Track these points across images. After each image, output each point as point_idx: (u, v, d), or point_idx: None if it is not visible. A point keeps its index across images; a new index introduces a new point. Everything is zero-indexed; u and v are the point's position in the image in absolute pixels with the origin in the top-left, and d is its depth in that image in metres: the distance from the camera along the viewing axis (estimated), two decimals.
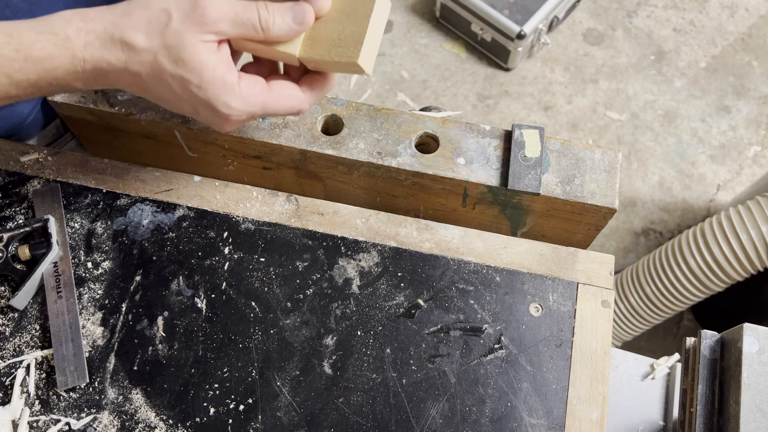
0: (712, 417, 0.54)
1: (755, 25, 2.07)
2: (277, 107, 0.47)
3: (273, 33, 0.45)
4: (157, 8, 0.43)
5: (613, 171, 0.59)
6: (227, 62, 0.45)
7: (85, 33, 0.43)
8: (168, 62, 0.43)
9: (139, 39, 0.43)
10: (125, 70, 0.44)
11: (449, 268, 0.57)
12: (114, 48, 0.43)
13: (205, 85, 0.44)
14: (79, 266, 0.58)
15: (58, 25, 0.43)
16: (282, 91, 0.47)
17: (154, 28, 0.43)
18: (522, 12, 1.86)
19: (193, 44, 0.43)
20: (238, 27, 0.44)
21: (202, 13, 0.42)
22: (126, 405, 0.53)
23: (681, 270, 1.30)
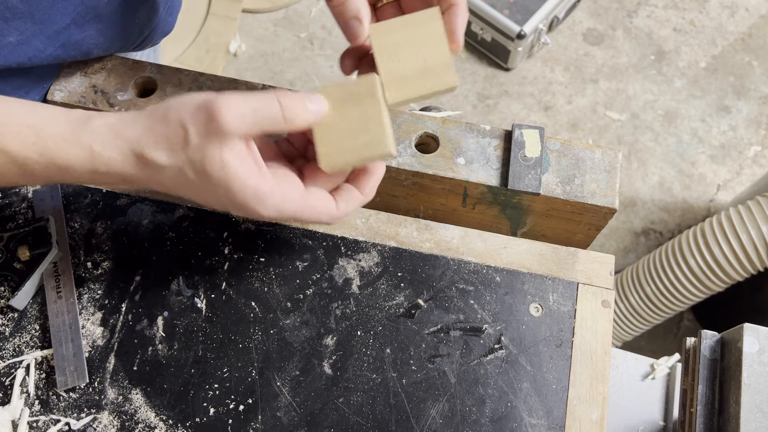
0: (712, 417, 0.54)
1: (755, 25, 2.07)
2: (308, 218, 0.46)
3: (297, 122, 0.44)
4: (174, 123, 0.42)
5: (613, 171, 0.59)
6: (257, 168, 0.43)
7: (111, 148, 0.42)
8: (193, 175, 0.42)
9: (161, 157, 0.42)
10: (151, 180, 0.44)
11: (449, 268, 0.57)
12: (137, 164, 0.42)
13: (233, 195, 0.43)
14: (79, 266, 0.58)
15: (85, 137, 0.42)
16: (317, 205, 0.46)
17: (175, 145, 0.42)
18: (522, 12, 1.86)
19: (217, 157, 0.41)
20: (259, 124, 0.42)
21: (219, 120, 0.40)
22: (126, 405, 0.53)
23: (681, 270, 1.30)
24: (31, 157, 0.42)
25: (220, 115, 0.41)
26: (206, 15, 2.00)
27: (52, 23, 0.54)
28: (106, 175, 0.43)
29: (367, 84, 0.47)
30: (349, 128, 0.46)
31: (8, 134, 0.42)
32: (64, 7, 0.54)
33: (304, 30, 2.05)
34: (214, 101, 0.41)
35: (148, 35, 0.67)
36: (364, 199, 0.49)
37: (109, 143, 0.42)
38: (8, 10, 0.50)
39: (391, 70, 0.48)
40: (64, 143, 0.42)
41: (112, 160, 0.42)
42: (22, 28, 0.52)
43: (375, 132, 0.46)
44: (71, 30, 0.56)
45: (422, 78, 0.48)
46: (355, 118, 0.46)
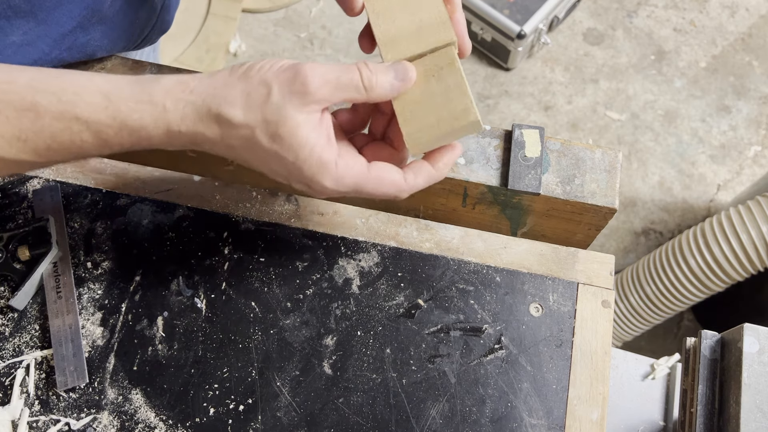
0: (712, 417, 0.54)
1: (755, 25, 2.07)
2: (373, 191, 0.46)
3: (376, 92, 0.44)
4: (257, 80, 0.42)
5: (614, 171, 0.59)
6: (327, 138, 0.43)
7: (183, 104, 0.42)
8: (265, 138, 0.42)
9: (236, 114, 0.41)
10: (221, 142, 0.43)
11: (449, 268, 0.57)
12: (210, 122, 0.42)
13: (300, 163, 0.43)
14: (79, 266, 0.58)
15: (157, 94, 0.42)
16: (382, 175, 0.45)
17: (253, 101, 0.41)
18: (522, 12, 1.86)
19: (294, 119, 0.41)
20: (340, 91, 0.43)
21: (304, 81, 0.41)
22: (126, 405, 0.53)
23: (681, 270, 1.30)
24: (104, 121, 0.42)
25: (307, 76, 0.41)
26: (206, 15, 2.00)
27: (58, 26, 0.54)
28: (178, 135, 0.43)
29: (444, 56, 0.46)
30: (431, 102, 0.46)
31: (81, 102, 0.41)
32: (70, 10, 0.54)
33: (304, 30, 2.05)
34: (301, 65, 0.41)
35: (148, 34, 0.67)
36: (435, 174, 0.47)
37: (183, 99, 0.42)
38: (11, 9, 0.50)
39: (387, 31, 0.48)
40: (135, 104, 0.42)
41: (186, 118, 0.42)
42: (25, 27, 0.52)
43: (459, 102, 0.46)
44: (77, 33, 0.56)
45: (419, 36, 0.47)
46: (436, 92, 0.46)
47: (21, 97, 0.41)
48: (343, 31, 2.03)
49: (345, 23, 2.05)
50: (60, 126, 0.42)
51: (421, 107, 0.46)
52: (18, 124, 0.41)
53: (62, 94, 0.41)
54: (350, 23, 2.05)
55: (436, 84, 0.46)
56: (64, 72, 0.43)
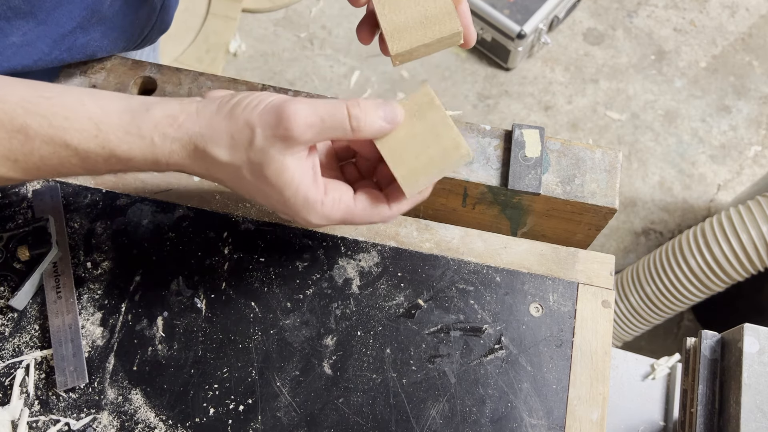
0: (712, 417, 0.54)
1: (756, 24, 2.07)
2: (360, 221, 0.47)
3: (363, 134, 0.44)
4: (242, 122, 0.42)
5: (614, 171, 0.59)
6: (312, 177, 0.44)
7: (170, 141, 0.42)
8: (250, 176, 0.43)
9: (221, 153, 0.42)
10: (208, 175, 0.44)
11: (449, 268, 0.57)
12: (197, 158, 0.43)
13: (285, 200, 0.43)
14: (79, 266, 0.57)
15: (146, 127, 0.42)
16: (368, 208, 0.46)
17: (237, 143, 0.42)
18: (522, 12, 1.86)
19: (278, 161, 0.42)
20: (326, 132, 0.43)
21: (288, 127, 0.41)
22: (125, 405, 0.53)
23: (681, 270, 1.30)
24: (93, 150, 0.42)
25: (290, 120, 0.41)
26: (206, 15, 2.00)
27: (58, 26, 0.54)
28: (166, 165, 0.44)
29: (423, 96, 0.47)
30: (419, 142, 0.46)
31: (71, 129, 0.42)
32: (70, 11, 0.54)
33: (304, 30, 2.05)
34: (285, 106, 0.41)
35: (148, 34, 0.67)
36: (420, 198, 0.48)
37: (170, 135, 0.42)
38: (11, 10, 0.50)
39: (393, 21, 0.48)
40: (125, 136, 0.42)
41: (174, 153, 0.43)
42: (25, 28, 0.52)
43: (447, 137, 0.46)
44: (76, 33, 0.56)
45: (425, 26, 0.47)
46: (421, 131, 0.46)
47: (11, 117, 0.41)
48: (343, 31, 2.03)
49: (345, 23, 2.05)
50: (49, 150, 0.42)
51: (410, 148, 0.46)
52: (8, 145, 0.42)
53: (53, 119, 0.42)
54: (350, 23, 2.04)
55: (419, 123, 0.46)
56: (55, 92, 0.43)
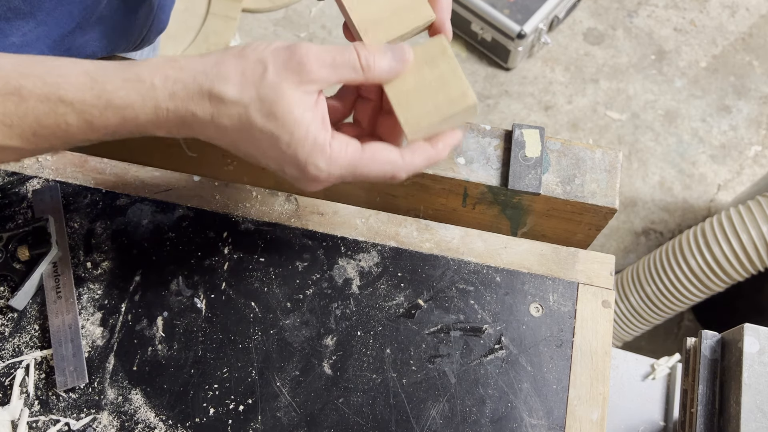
0: (712, 417, 0.54)
1: (756, 24, 2.07)
2: (369, 171, 0.44)
3: (374, 72, 0.43)
4: (253, 59, 0.41)
5: (614, 171, 0.59)
6: (322, 119, 0.42)
7: (172, 82, 0.41)
8: (259, 116, 0.41)
9: (230, 91, 0.40)
10: (211, 122, 0.41)
11: (449, 268, 0.57)
12: (201, 100, 0.41)
13: (295, 143, 0.41)
14: (79, 266, 0.57)
15: (144, 72, 0.41)
16: (376, 154, 0.44)
17: (248, 79, 0.40)
18: (522, 11, 1.86)
19: (290, 97, 0.41)
20: (338, 71, 0.42)
21: (300, 61, 0.40)
22: (125, 405, 0.53)
23: (681, 270, 1.30)
24: (89, 101, 0.41)
25: (303, 56, 0.40)
26: (206, 15, 2.00)
27: (58, 27, 0.54)
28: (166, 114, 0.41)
29: (436, 45, 0.47)
30: (427, 89, 0.46)
31: (65, 83, 0.41)
32: (69, 11, 0.54)
33: (304, 30, 2.05)
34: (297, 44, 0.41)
35: (146, 34, 0.67)
36: (434, 154, 0.46)
37: (172, 76, 0.41)
38: (11, 11, 0.50)
39: (365, 14, 0.47)
40: (122, 82, 0.41)
41: (175, 96, 0.40)
42: (24, 29, 0.52)
43: (455, 86, 0.46)
44: (76, 34, 0.56)
45: (398, 18, 0.47)
46: (430, 78, 0.46)
47: (5, 81, 0.40)
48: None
49: None
50: (45, 108, 0.41)
51: (417, 94, 0.46)
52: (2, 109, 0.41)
53: (47, 77, 0.41)
54: None
55: (429, 71, 0.46)
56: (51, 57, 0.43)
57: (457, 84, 0.46)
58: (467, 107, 0.46)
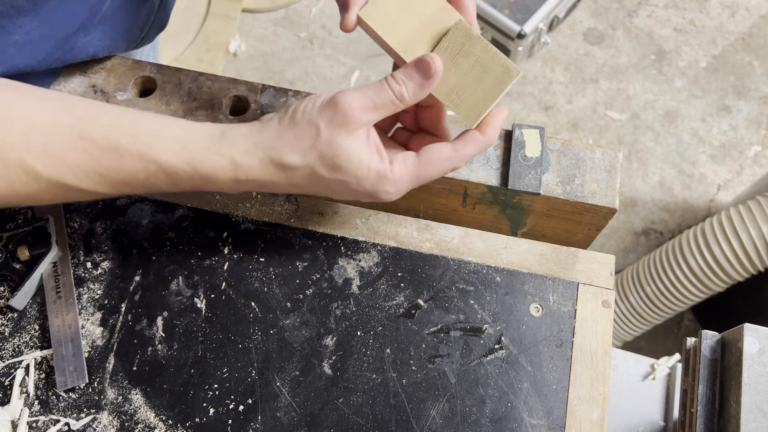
0: (712, 417, 0.54)
1: (756, 24, 2.07)
2: (431, 174, 0.49)
3: (411, 99, 0.47)
4: (305, 123, 0.46)
5: (614, 171, 0.59)
6: (377, 151, 0.47)
7: (248, 157, 0.46)
8: (325, 171, 0.46)
9: (295, 159, 0.46)
10: (286, 183, 0.47)
11: (449, 268, 0.57)
12: (275, 170, 0.46)
13: (362, 181, 0.47)
14: (79, 266, 0.57)
15: (225, 149, 0.46)
16: (432, 156, 0.48)
17: (306, 144, 0.46)
18: (522, 11, 1.86)
19: (346, 147, 0.45)
20: (379, 111, 0.46)
21: (345, 114, 0.45)
22: (125, 405, 0.53)
23: (681, 270, 1.30)
24: (180, 166, 0.46)
25: (345, 108, 0.45)
26: (206, 15, 2.00)
27: (61, 26, 0.54)
28: (246, 182, 0.47)
29: (459, 32, 0.48)
30: (470, 78, 0.48)
31: (159, 146, 0.45)
32: (73, 11, 0.54)
33: (304, 30, 2.05)
34: (338, 98, 0.45)
35: (147, 33, 0.67)
36: (485, 141, 0.49)
37: (248, 153, 0.46)
38: (13, 8, 0.50)
39: (399, 36, 0.49)
40: (209, 154, 0.46)
41: (252, 169, 0.46)
42: (27, 26, 0.52)
43: (496, 65, 0.48)
44: (79, 34, 0.56)
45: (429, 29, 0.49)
46: (469, 66, 0.48)
47: (104, 136, 0.45)
48: (343, 32, 2.03)
49: None
50: (138, 166, 0.45)
51: (463, 86, 0.48)
52: (100, 161, 0.45)
53: (141, 137, 0.45)
54: None
55: (465, 60, 0.48)
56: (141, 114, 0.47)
57: (496, 62, 0.48)
58: (514, 80, 0.48)
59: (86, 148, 0.45)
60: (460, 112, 0.48)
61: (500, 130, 0.50)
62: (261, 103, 0.62)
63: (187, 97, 0.62)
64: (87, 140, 0.45)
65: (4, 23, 0.50)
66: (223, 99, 0.62)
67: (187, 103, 0.62)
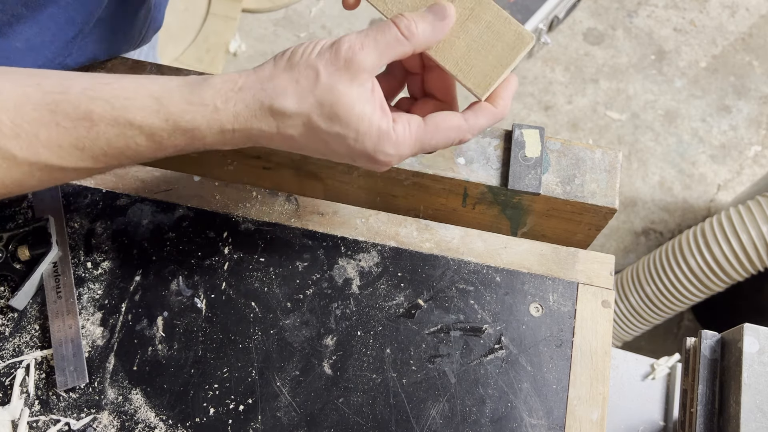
0: (712, 417, 0.54)
1: (756, 24, 2.07)
2: (436, 142, 0.45)
3: (419, 38, 0.43)
4: (303, 66, 0.42)
5: (614, 171, 0.59)
6: (381, 107, 0.43)
7: (233, 103, 0.42)
8: (322, 120, 0.42)
9: (289, 103, 0.42)
10: (277, 134, 0.43)
11: (449, 268, 0.57)
12: (264, 116, 0.42)
13: (362, 137, 0.43)
14: (79, 266, 0.57)
15: (207, 94, 0.42)
16: (440, 124, 0.45)
17: (303, 88, 0.42)
18: (522, 12, 1.86)
19: (347, 95, 0.41)
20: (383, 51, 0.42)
21: (347, 57, 0.41)
22: (126, 405, 0.53)
23: (681, 270, 1.30)
24: (157, 124, 0.42)
25: (348, 50, 0.41)
26: (206, 15, 2.00)
27: (61, 33, 0.55)
28: (232, 133, 0.42)
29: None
30: (481, 44, 0.45)
31: (133, 107, 0.42)
32: (72, 18, 0.54)
33: (304, 30, 2.05)
34: (339, 41, 0.42)
35: (145, 34, 0.67)
36: (498, 112, 0.46)
37: (233, 97, 0.42)
38: (14, 17, 0.50)
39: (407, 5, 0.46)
40: (187, 106, 0.42)
41: (239, 116, 0.42)
42: (28, 33, 0.52)
43: (507, 30, 0.45)
44: (78, 39, 0.56)
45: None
46: (480, 32, 0.45)
47: (75, 106, 0.42)
48: (343, 31, 2.03)
49: (345, 23, 2.05)
50: (115, 132, 0.42)
51: (473, 53, 0.45)
52: (74, 133, 0.42)
53: (114, 101, 0.42)
54: (350, 23, 2.04)
55: (474, 26, 0.45)
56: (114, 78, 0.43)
57: (508, 27, 0.45)
58: (527, 47, 0.45)
59: (59, 122, 0.42)
60: (469, 82, 0.45)
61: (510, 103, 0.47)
62: None
63: None
64: (58, 113, 0.41)
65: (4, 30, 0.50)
66: None
67: None
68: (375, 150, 0.43)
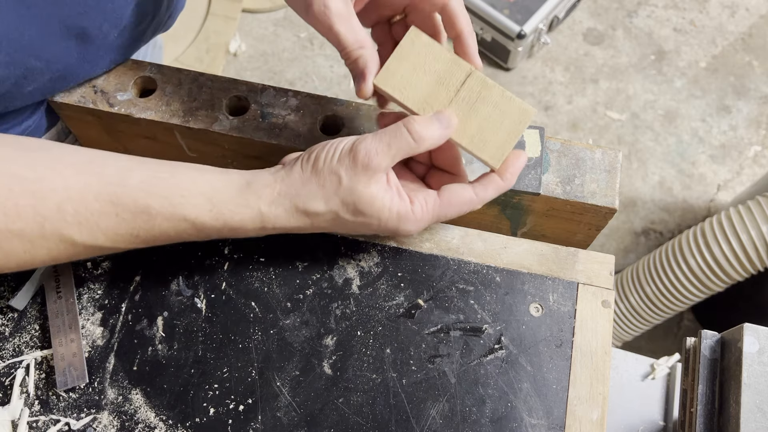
0: (712, 417, 0.54)
1: (755, 24, 2.07)
2: (450, 214, 0.51)
3: (427, 144, 0.49)
4: (327, 172, 0.48)
5: (614, 171, 0.59)
6: (397, 194, 0.50)
7: (275, 207, 0.49)
8: (348, 215, 0.49)
9: (319, 206, 0.48)
10: (311, 227, 0.50)
11: (449, 268, 0.57)
12: (300, 216, 0.49)
13: (384, 222, 0.49)
14: (79, 266, 0.57)
15: (252, 200, 0.48)
16: (453, 199, 0.51)
17: (328, 191, 0.48)
18: (522, 12, 1.86)
19: (367, 193, 0.48)
20: (396, 154, 0.48)
21: (363, 162, 0.47)
22: (126, 405, 0.53)
23: (681, 270, 1.30)
24: (209, 222, 0.48)
25: (364, 156, 0.47)
26: (206, 15, 2.00)
27: (71, 70, 0.58)
28: (272, 229, 0.50)
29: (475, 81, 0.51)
30: (491, 122, 0.51)
31: (188, 204, 0.47)
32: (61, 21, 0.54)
33: (304, 30, 2.05)
34: (356, 146, 0.48)
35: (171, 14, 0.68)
36: (504, 185, 0.52)
37: (274, 203, 0.49)
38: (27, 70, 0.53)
39: (418, 97, 0.51)
40: (236, 208, 0.48)
41: (279, 218, 0.49)
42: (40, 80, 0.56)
43: (512, 108, 0.50)
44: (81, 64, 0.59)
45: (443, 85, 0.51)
46: (489, 112, 0.51)
47: (134, 199, 0.47)
48: None
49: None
50: (169, 224, 0.48)
51: (485, 131, 0.51)
52: (132, 224, 0.47)
53: (171, 198, 0.47)
54: None
55: (483, 107, 0.51)
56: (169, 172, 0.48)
57: (513, 105, 0.50)
58: (530, 119, 0.50)
59: (119, 213, 0.46)
60: (484, 155, 0.50)
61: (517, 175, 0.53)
62: (261, 104, 0.62)
63: (187, 97, 0.62)
64: (119, 205, 0.46)
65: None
66: (223, 99, 0.62)
67: (187, 103, 0.62)
68: (397, 229, 0.50)
